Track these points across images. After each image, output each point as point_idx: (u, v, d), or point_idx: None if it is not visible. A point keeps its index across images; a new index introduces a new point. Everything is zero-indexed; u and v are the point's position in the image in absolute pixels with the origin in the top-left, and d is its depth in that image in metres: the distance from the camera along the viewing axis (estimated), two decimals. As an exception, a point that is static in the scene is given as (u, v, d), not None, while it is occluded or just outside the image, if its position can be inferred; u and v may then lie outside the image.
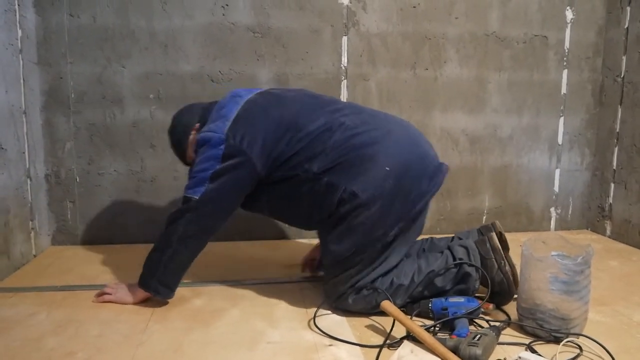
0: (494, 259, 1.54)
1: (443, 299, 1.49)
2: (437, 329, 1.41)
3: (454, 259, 1.55)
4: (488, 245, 1.56)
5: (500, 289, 1.55)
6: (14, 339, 1.37)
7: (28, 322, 1.48)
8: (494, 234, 1.58)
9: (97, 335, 1.40)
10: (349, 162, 1.50)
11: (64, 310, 1.56)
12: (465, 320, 1.40)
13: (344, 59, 2.33)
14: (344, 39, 2.32)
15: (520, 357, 1.19)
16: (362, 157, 1.51)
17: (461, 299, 1.49)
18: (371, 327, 1.47)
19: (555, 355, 1.28)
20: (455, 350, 1.24)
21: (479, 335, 1.26)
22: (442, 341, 1.27)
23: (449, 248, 1.60)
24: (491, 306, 1.53)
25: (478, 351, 1.21)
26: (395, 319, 1.38)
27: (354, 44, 2.33)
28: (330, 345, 1.36)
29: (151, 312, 1.55)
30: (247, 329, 1.45)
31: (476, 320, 1.47)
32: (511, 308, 1.54)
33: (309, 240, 2.29)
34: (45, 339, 1.38)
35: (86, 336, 1.39)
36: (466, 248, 1.57)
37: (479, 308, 1.46)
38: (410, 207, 1.51)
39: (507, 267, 1.54)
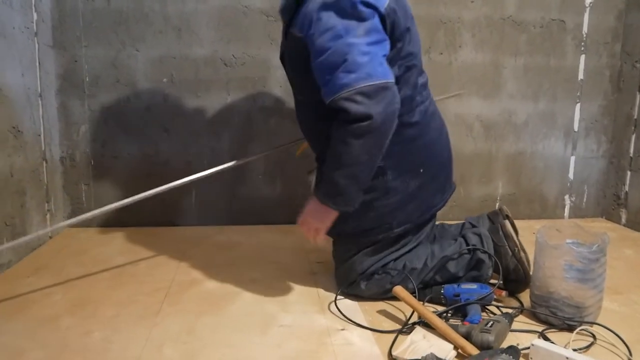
0: (507, 246, 1.54)
1: (455, 285, 1.49)
2: (449, 315, 1.41)
3: (468, 246, 1.55)
4: (501, 232, 1.56)
5: (517, 276, 1.55)
6: (31, 318, 1.39)
7: (45, 301, 1.51)
8: (507, 222, 1.57)
9: (113, 316, 1.42)
10: (401, 139, 1.43)
11: (79, 291, 1.59)
12: (477, 307, 1.40)
13: (358, 43, 2.31)
14: (359, 22, 2.29)
15: (533, 345, 1.19)
16: (412, 143, 1.48)
17: (474, 286, 1.48)
18: (383, 312, 1.47)
19: (569, 343, 1.27)
20: (467, 337, 1.24)
21: (491, 322, 1.26)
22: (455, 327, 1.28)
23: (462, 235, 1.60)
24: (504, 293, 1.53)
25: (490, 338, 1.21)
26: (407, 304, 1.38)
27: (369, 28, 2.30)
28: (342, 329, 1.37)
29: (165, 295, 1.57)
30: (259, 313, 1.46)
31: (488, 307, 1.47)
32: (524, 295, 1.54)
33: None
34: (62, 318, 1.40)
35: (102, 316, 1.42)
36: (479, 235, 1.56)
37: (491, 294, 1.45)
38: (419, 213, 1.54)
39: (522, 254, 1.54)
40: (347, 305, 1.51)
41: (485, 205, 2.53)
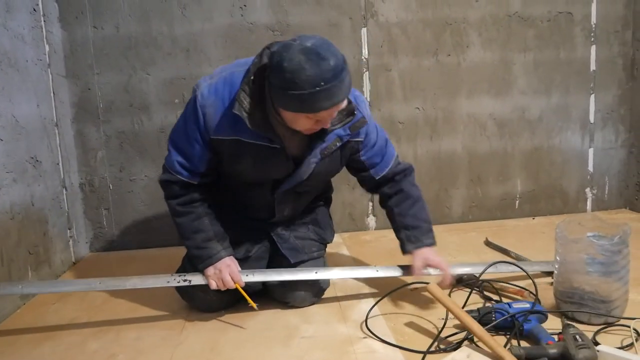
0: None
1: (507, 305, 1.37)
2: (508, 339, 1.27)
3: None
4: None
5: None
6: (59, 343, 1.42)
7: (70, 327, 1.53)
8: None
9: (136, 338, 1.43)
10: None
11: (103, 315, 1.60)
12: (540, 325, 1.31)
13: (365, 51, 2.32)
14: (363, 30, 2.31)
15: (599, 351, 1.13)
16: None
17: (526, 305, 1.36)
18: (410, 325, 1.44)
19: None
20: (564, 357, 1.15)
21: (577, 336, 1.17)
22: (541, 350, 1.17)
23: None
24: (525, 293, 1.50)
25: (593, 353, 1.13)
26: (444, 306, 1.31)
27: (374, 35, 2.31)
28: (364, 337, 1.36)
29: (187, 314, 1.57)
30: (281, 325, 1.46)
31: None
32: (548, 292, 1.51)
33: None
34: (88, 342, 1.42)
35: (126, 339, 1.43)
36: None
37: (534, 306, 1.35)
38: None
39: None
40: (375, 322, 1.45)
41: (504, 204, 2.50)
